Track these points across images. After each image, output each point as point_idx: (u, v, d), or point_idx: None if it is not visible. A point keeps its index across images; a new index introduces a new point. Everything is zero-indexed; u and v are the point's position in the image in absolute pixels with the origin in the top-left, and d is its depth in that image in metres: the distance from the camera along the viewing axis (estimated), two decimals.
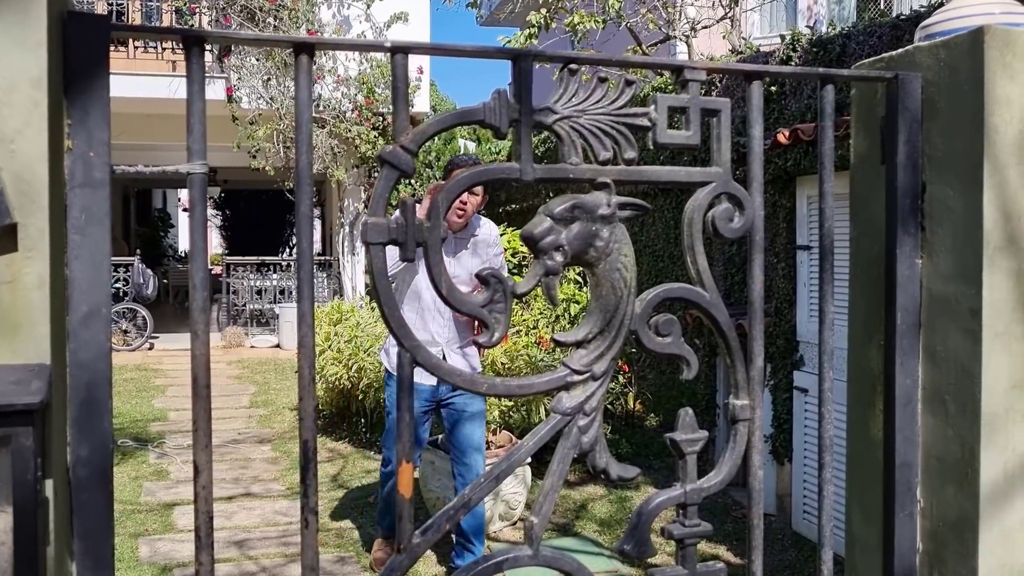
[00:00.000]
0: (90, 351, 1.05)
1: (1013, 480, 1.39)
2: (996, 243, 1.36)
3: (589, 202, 1.18)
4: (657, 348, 1.23)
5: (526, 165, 1.17)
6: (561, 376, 1.20)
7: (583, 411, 1.20)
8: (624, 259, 1.21)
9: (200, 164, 1.09)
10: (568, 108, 1.18)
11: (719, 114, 1.26)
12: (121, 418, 7.59)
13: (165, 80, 10.51)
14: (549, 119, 1.17)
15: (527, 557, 1.19)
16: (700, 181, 1.26)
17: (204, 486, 1.11)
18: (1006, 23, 1.43)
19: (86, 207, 1.05)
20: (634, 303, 1.22)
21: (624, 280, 1.20)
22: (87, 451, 1.05)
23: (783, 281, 4.95)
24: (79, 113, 1.04)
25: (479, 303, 1.16)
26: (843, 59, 4.67)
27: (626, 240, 1.22)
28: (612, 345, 1.21)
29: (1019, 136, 1.37)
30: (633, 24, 8.36)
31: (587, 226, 1.18)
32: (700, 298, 1.26)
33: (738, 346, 1.28)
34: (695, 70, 1.25)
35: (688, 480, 1.27)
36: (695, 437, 1.27)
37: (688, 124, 1.25)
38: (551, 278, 1.17)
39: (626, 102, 1.21)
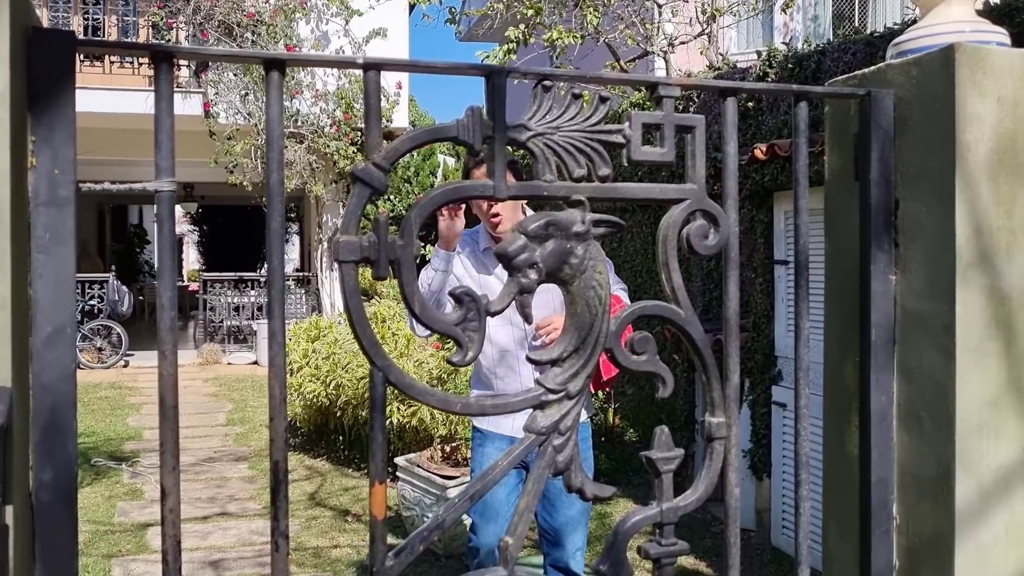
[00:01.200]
0: (54, 372, 1.03)
1: (988, 497, 1.39)
2: (969, 259, 1.37)
3: (563, 219, 1.17)
4: (632, 366, 1.21)
5: (499, 182, 1.16)
6: (535, 395, 1.18)
7: (558, 430, 1.18)
8: (599, 276, 1.19)
9: (168, 182, 1.07)
10: (542, 125, 1.16)
11: (694, 131, 1.25)
12: (95, 437, 7.50)
13: (141, 95, 10.45)
14: (523, 136, 1.15)
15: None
16: (675, 198, 1.24)
17: (172, 509, 1.09)
18: (976, 40, 1.44)
19: (50, 226, 1.03)
20: (609, 321, 1.21)
21: (599, 298, 1.19)
22: (51, 475, 1.03)
23: (761, 296, 4.97)
24: (44, 130, 1.03)
25: (452, 321, 1.13)
26: (818, 75, 4.72)
27: (601, 257, 1.20)
28: (587, 363, 1.20)
29: (990, 153, 1.38)
30: (611, 40, 8.41)
31: (561, 243, 1.16)
32: (675, 315, 1.24)
33: (714, 363, 1.27)
34: (669, 86, 1.24)
35: (664, 499, 1.25)
36: (671, 455, 1.25)
37: (663, 141, 1.24)
38: (525, 296, 1.15)
39: (600, 119, 1.19)
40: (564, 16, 8.40)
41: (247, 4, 10.19)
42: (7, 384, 0.98)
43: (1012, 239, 1.40)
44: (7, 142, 0.98)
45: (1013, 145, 1.39)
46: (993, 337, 1.39)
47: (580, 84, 1.33)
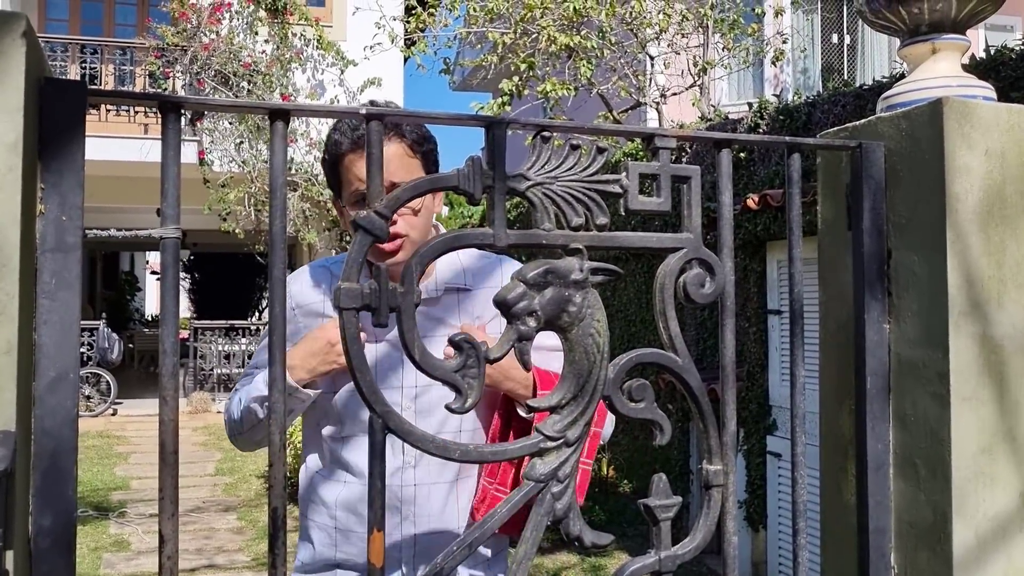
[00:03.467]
0: (56, 418, 1.03)
1: (985, 545, 1.39)
2: (961, 308, 1.39)
3: (562, 267, 1.18)
4: (630, 413, 1.21)
5: (499, 230, 1.16)
6: (534, 442, 1.18)
7: (556, 477, 1.17)
8: (597, 324, 1.20)
9: (173, 228, 1.08)
10: (541, 175, 1.18)
11: (690, 181, 1.27)
12: (81, 487, 7.42)
13: (136, 143, 10.53)
14: (522, 185, 1.17)
15: None
16: (671, 247, 1.26)
17: (170, 556, 1.08)
18: (963, 95, 1.48)
19: (57, 272, 1.04)
20: (607, 368, 1.21)
21: (597, 345, 1.20)
22: (50, 521, 1.03)
23: (755, 345, 4.99)
24: (53, 177, 1.04)
25: (451, 368, 1.13)
26: (809, 127, 4.80)
27: (599, 305, 1.21)
28: (585, 411, 1.20)
29: (979, 204, 1.40)
30: (604, 91, 8.54)
31: (560, 291, 1.17)
32: (672, 363, 1.24)
33: (711, 411, 1.27)
34: (665, 138, 1.26)
35: (663, 547, 1.24)
36: (669, 503, 1.24)
37: (659, 191, 1.26)
38: (524, 343, 1.15)
39: (598, 168, 1.21)
40: (557, 68, 8.54)
41: (244, 54, 10.33)
42: (11, 428, 0.98)
43: (1002, 288, 1.42)
44: (18, 188, 0.99)
45: (1001, 196, 1.42)
46: (986, 385, 1.41)
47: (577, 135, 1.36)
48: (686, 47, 8.66)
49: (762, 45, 9.08)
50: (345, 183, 1.70)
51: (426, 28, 9.13)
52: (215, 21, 10.33)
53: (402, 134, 1.67)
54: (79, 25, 12.45)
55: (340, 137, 1.70)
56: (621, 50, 8.59)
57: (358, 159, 1.65)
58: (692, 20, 8.38)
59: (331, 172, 1.74)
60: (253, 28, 10.52)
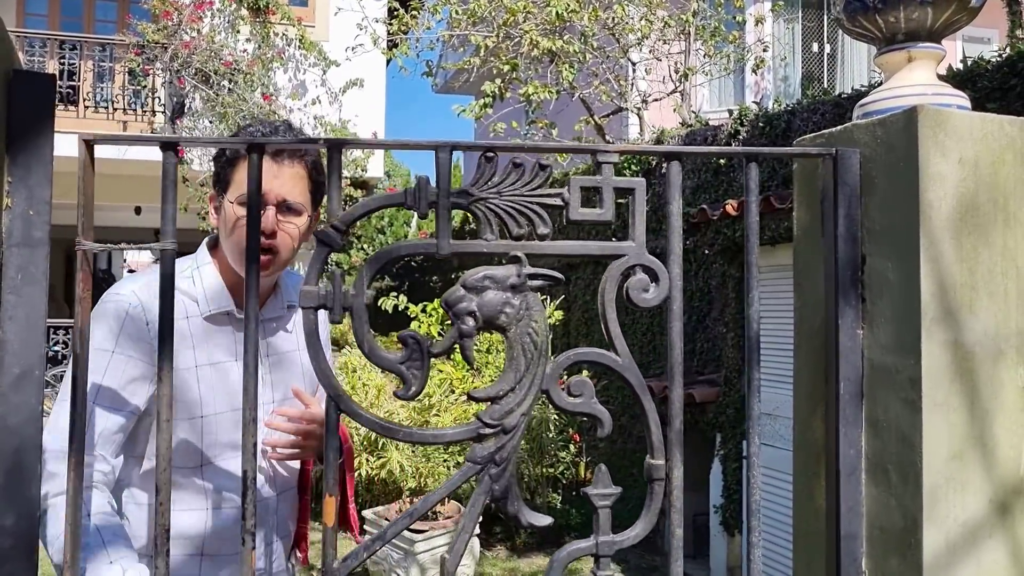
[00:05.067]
0: (20, 415, 1.02)
1: (955, 550, 1.40)
2: (933, 315, 1.40)
3: (499, 273, 1.30)
4: (568, 407, 1.30)
5: (442, 241, 1.25)
6: (472, 428, 1.26)
7: (494, 461, 1.25)
8: (535, 324, 1.30)
9: (171, 242, 1.15)
10: (484, 191, 1.28)
11: (634, 192, 1.33)
12: None
13: None
14: (466, 200, 1.27)
15: None
16: (612, 254, 1.33)
17: (163, 502, 1.10)
18: (938, 103, 1.49)
19: (23, 267, 1.02)
20: (545, 365, 1.30)
21: (534, 343, 1.30)
22: (12, 520, 1.01)
23: (732, 351, 5.01)
24: (20, 171, 1.03)
25: (397, 359, 1.23)
26: (788, 134, 4.83)
27: (538, 307, 1.30)
28: (522, 402, 1.28)
29: (953, 211, 1.41)
30: (586, 95, 8.56)
31: (498, 295, 1.29)
32: (612, 361, 1.31)
33: (652, 408, 1.32)
34: (607, 153, 1.32)
35: (601, 532, 1.33)
36: (607, 492, 1.33)
37: (602, 202, 1.33)
38: (465, 340, 1.24)
39: (540, 183, 1.28)
40: (540, 71, 8.55)
41: (225, 53, 10.27)
42: None
43: (974, 295, 1.43)
44: None
45: (975, 204, 1.43)
46: (957, 391, 1.42)
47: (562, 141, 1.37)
48: (668, 53, 8.69)
49: (743, 53, 9.13)
50: (240, 183, 1.67)
51: (408, 30, 9.12)
52: (196, 19, 10.26)
53: (304, 160, 1.74)
54: (58, 20, 12.33)
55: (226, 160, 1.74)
56: (603, 55, 8.62)
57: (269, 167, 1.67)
58: (674, 27, 8.42)
59: (227, 167, 1.73)
60: (235, 27, 10.46)
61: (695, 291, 5.82)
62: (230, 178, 1.72)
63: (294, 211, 1.72)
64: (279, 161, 1.70)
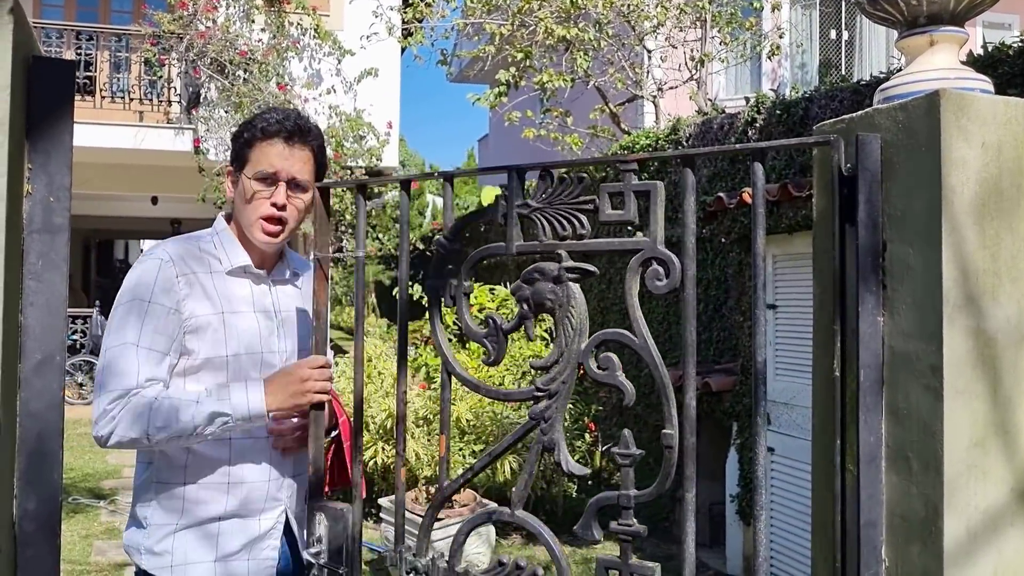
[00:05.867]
0: (42, 400, 1.02)
1: (976, 538, 1.39)
2: (955, 301, 1.38)
3: (545, 267, 1.63)
4: (597, 377, 1.57)
5: (510, 243, 1.66)
6: (529, 391, 1.64)
7: (543, 418, 1.61)
8: (572, 309, 1.60)
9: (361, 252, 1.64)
10: (540, 201, 1.63)
11: (649, 194, 1.55)
12: (73, 474, 7.39)
13: (131, 130, 10.48)
14: (528, 211, 1.64)
15: (507, 515, 1.66)
16: (631, 249, 1.55)
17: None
18: (960, 87, 1.47)
19: (43, 253, 1.03)
20: (580, 342, 1.59)
21: (572, 325, 1.60)
22: (35, 504, 1.02)
23: (749, 340, 4.98)
24: (41, 157, 1.03)
25: (483, 334, 1.66)
26: (806, 121, 4.79)
27: (575, 295, 1.60)
28: (563, 372, 1.61)
29: (975, 197, 1.40)
30: (601, 84, 8.52)
31: (544, 284, 1.63)
32: (631, 341, 1.55)
33: (669, 383, 1.50)
34: (627, 162, 1.56)
35: (624, 487, 1.56)
36: (630, 452, 1.56)
37: (625, 205, 1.56)
38: (526, 320, 1.64)
39: (579, 192, 1.60)
40: (554, 60, 8.52)
41: (240, 42, 10.27)
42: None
43: (997, 281, 1.41)
44: (4, 169, 0.98)
45: (998, 189, 1.41)
46: (980, 378, 1.40)
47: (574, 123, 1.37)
48: (683, 41, 8.64)
49: (760, 39, 9.06)
50: (256, 161, 1.94)
51: (423, 19, 9.10)
52: (211, 8, 10.27)
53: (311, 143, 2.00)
54: (74, 11, 12.38)
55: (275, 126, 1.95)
56: (618, 43, 8.57)
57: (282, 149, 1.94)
58: (690, 14, 8.36)
59: (245, 148, 1.96)
60: (250, 16, 10.46)
61: (711, 280, 5.79)
62: (248, 157, 1.96)
63: (302, 188, 1.97)
64: (291, 145, 1.96)
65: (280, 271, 2.08)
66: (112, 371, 1.78)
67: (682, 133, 6.28)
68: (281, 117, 1.98)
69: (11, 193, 1.00)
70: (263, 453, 1.96)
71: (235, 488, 1.93)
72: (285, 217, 1.95)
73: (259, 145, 1.95)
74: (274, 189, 1.93)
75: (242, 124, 2.02)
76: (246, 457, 1.94)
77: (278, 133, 1.95)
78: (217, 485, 1.91)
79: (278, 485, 1.99)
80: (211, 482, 1.91)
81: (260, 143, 1.95)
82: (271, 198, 1.93)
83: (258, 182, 1.94)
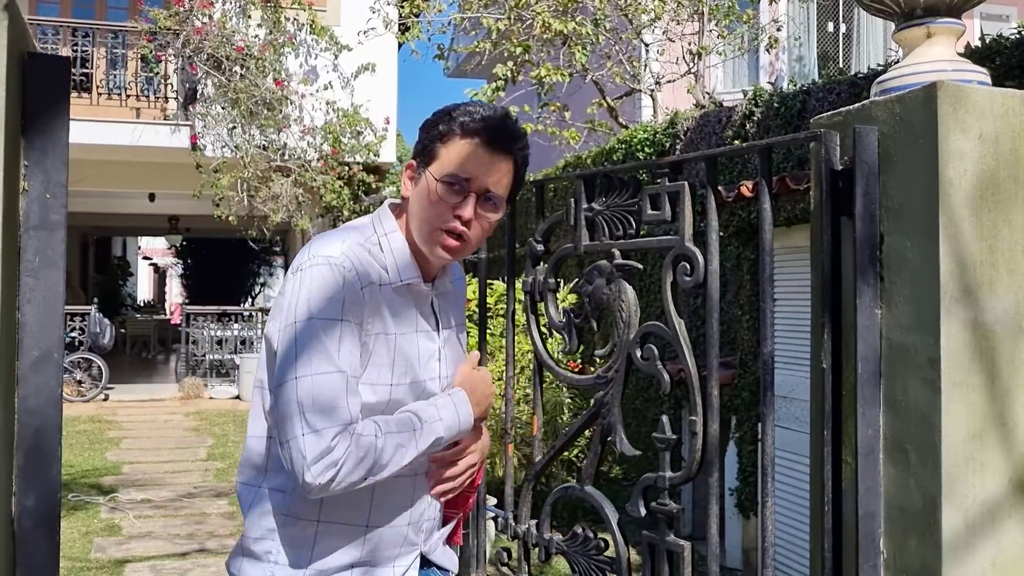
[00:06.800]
0: (40, 397, 1.02)
1: (974, 530, 1.39)
2: (953, 294, 1.38)
3: (602, 267, 1.85)
4: (641, 366, 1.76)
5: (579, 243, 1.91)
6: (592, 379, 1.89)
7: (603, 403, 1.84)
8: (623, 304, 1.80)
9: None
10: (599, 206, 1.87)
11: (678, 195, 1.72)
12: (72, 471, 7.39)
13: (128, 127, 10.46)
14: (592, 213, 1.88)
15: (578, 490, 1.91)
16: (666, 246, 1.73)
17: None
18: (958, 79, 1.47)
19: (40, 250, 1.03)
20: (629, 334, 1.78)
21: (622, 319, 1.80)
22: (33, 501, 1.02)
23: (748, 333, 4.99)
24: (36, 154, 1.03)
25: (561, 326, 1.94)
26: (804, 114, 4.79)
27: (626, 290, 1.81)
28: (617, 360, 1.81)
29: (972, 189, 1.40)
30: (598, 78, 8.51)
31: (600, 281, 1.85)
32: (663, 331, 1.73)
33: (695, 372, 1.64)
34: (661, 166, 1.76)
35: (662, 469, 1.74)
36: (666, 437, 1.74)
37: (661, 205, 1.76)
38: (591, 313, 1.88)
39: (627, 196, 1.80)
40: (552, 54, 8.50)
41: (236, 38, 10.25)
42: None
43: (994, 273, 1.41)
44: (0, 166, 0.98)
45: (995, 181, 1.41)
46: (977, 370, 1.40)
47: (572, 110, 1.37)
48: (681, 34, 8.63)
49: (757, 32, 9.05)
50: (448, 161, 1.61)
51: (420, 13, 9.08)
52: (207, 4, 10.24)
53: (516, 153, 1.67)
54: (70, 7, 12.34)
55: (478, 123, 1.62)
56: (616, 37, 8.56)
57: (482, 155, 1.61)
58: (687, 7, 8.35)
59: (435, 141, 1.64)
60: (246, 12, 10.43)
61: None
62: (437, 153, 1.63)
63: (493, 204, 1.64)
64: (494, 152, 1.63)
65: (443, 283, 1.75)
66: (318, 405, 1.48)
67: (680, 127, 6.28)
68: (487, 114, 1.65)
69: (7, 190, 0.99)
70: (406, 491, 1.64)
71: (372, 533, 1.61)
72: (467, 235, 1.62)
73: (454, 142, 1.62)
74: (462, 200, 1.60)
75: (438, 113, 1.67)
76: (389, 496, 1.62)
77: (480, 133, 1.62)
78: (352, 529, 1.60)
79: (416, 528, 1.68)
80: (347, 523, 1.59)
81: (456, 140, 1.62)
82: (457, 209, 1.59)
83: (445, 187, 1.60)
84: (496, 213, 1.65)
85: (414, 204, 1.65)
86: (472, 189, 1.60)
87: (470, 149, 1.61)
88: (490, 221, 1.64)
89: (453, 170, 1.60)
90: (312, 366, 1.48)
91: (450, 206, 1.59)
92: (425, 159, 1.64)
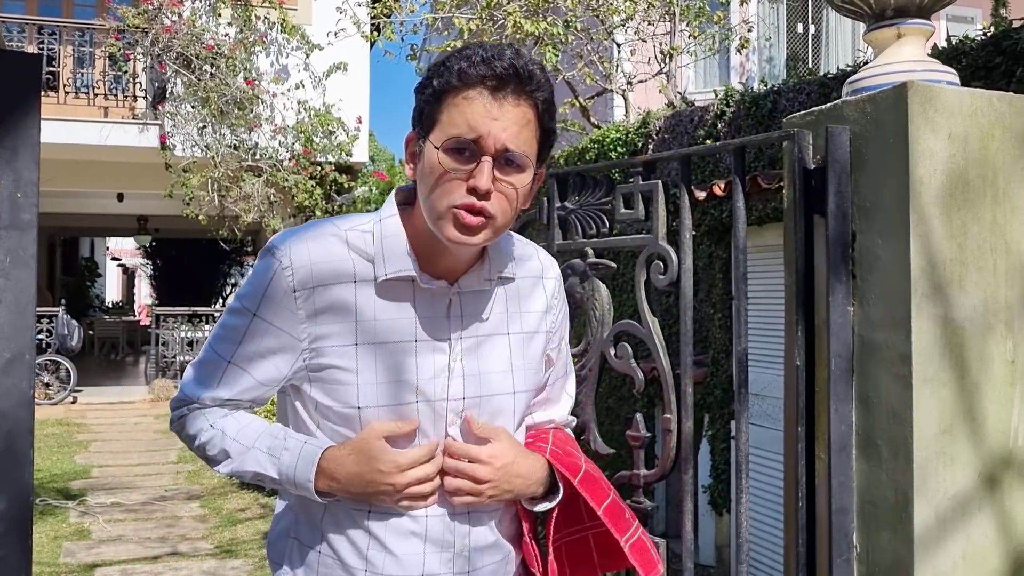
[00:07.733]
0: (11, 399, 1.01)
1: (945, 523, 1.42)
2: (923, 291, 1.40)
3: (575, 265, 1.87)
4: (614, 365, 1.80)
5: (552, 242, 1.92)
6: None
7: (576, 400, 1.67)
8: (596, 302, 1.84)
9: None
10: (573, 204, 1.90)
11: (652, 194, 1.75)
12: (41, 475, 7.29)
13: (96, 126, 10.33)
14: (565, 212, 1.91)
15: None
16: (640, 245, 1.75)
17: None
18: (927, 79, 1.49)
19: (11, 250, 1.01)
20: (603, 333, 1.82)
21: (595, 316, 1.84)
22: (5, 505, 1.00)
23: (719, 332, 5.02)
24: (7, 153, 1.01)
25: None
26: (774, 114, 4.83)
27: (599, 288, 1.83)
28: (591, 359, 1.86)
29: (942, 187, 1.42)
30: (570, 77, 8.53)
31: (573, 280, 1.86)
32: (637, 330, 1.77)
33: (669, 370, 1.69)
34: (635, 165, 1.79)
35: (635, 467, 1.79)
36: (639, 435, 1.80)
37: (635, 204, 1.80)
38: None
39: (600, 195, 1.83)
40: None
41: (206, 37, 10.16)
42: None
43: (964, 270, 1.44)
44: None
45: (964, 180, 1.44)
46: (947, 366, 1.42)
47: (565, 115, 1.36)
48: (652, 35, 8.67)
49: (728, 33, 9.12)
50: (449, 122, 1.28)
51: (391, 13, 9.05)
52: (177, 2, 10.13)
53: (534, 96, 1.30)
54: (36, 5, 12.16)
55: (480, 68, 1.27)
56: (587, 37, 8.59)
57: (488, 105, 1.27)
58: (658, 7, 8.39)
59: (432, 100, 1.31)
60: (216, 10, 10.33)
61: None
62: (436, 116, 1.30)
63: (516, 165, 1.28)
64: (500, 97, 1.27)
65: (475, 279, 1.39)
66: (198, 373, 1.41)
67: (652, 126, 6.31)
68: (489, 54, 1.28)
69: None
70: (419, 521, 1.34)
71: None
72: (488, 210, 1.27)
73: (453, 98, 1.28)
74: (474, 166, 1.26)
75: (432, 66, 1.33)
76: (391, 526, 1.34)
77: (483, 80, 1.26)
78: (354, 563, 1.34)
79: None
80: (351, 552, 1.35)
81: (454, 95, 1.28)
82: (469, 179, 1.25)
83: (450, 154, 1.27)
84: (522, 174, 1.29)
85: (421, 184, 1.33)
86: (484, 151, 1.26)
87: (473, 101, 1.26)
88: (515, 188, 1.29)
89: (456, 132, 1.26)
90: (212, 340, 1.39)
91: (461, 178, 1.26)
92: (424, 127, 1.32)
